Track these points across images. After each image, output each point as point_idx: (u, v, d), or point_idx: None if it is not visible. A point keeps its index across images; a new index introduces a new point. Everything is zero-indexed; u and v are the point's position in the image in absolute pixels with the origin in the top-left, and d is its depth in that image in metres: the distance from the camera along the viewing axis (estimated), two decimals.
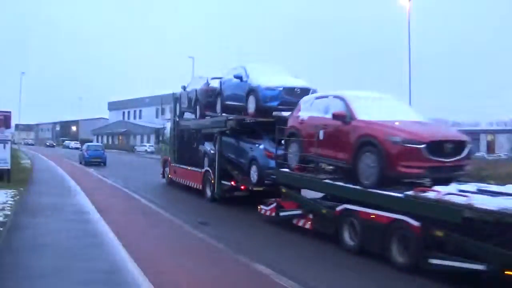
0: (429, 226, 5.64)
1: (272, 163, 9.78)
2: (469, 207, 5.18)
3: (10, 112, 14.68)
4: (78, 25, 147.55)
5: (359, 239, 6.81)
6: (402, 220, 5.99)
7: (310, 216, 8.07)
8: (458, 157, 6.68)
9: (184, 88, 15.03)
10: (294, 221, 8.47)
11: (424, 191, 5.87)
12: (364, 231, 6.70)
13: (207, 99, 13.05)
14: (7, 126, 14.49)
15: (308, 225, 8.10)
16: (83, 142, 52.37)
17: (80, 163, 28.03)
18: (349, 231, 7.06)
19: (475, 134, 54.33)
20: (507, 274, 4.80)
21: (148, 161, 32.23)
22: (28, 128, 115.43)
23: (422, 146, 6.37)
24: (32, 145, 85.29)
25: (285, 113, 10.11)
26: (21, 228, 7.56)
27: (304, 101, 9.10)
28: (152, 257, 6.04)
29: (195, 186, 13.30)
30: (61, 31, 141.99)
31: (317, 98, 8.75)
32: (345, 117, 7.44)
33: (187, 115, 15.09)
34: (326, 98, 8.35)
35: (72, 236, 7.01)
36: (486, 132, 54.85)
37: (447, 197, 5.54)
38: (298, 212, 8.39)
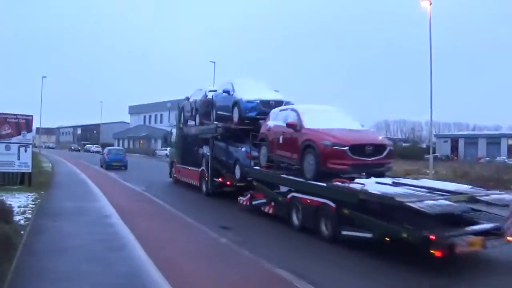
0: (341, 207, 7.79)
1: (252, 163, 12.07)
2: (363, 192, 7.30)
3: (31, 116, 14.96)
4: (100, 28, 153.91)
5: (301, 219, 9.01)
6: (326, 203, 8.17)
7: (272, 203, 10.31)
8: (378, 157, 8.77)
9: (187, 98, 17.56)
10: (262, 208, 10.74)
11: (340, 182, 8.02)
12: (304, 212, 8.90)
13: (205, 109, 15.49)
14: (29, 129, 14.78)
15: (270, 211, 10.35)
16: (104, 146, 53.83)
17: (101, 166, 29.23)
18: (296, 213, 9.25)
19: (496, 138, 54.84)
20: (387, 240, 6.90)
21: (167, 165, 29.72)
22: (49, 131, 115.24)
23: (346, 148, 8.51)
24: (53, 148, 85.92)
25: None
26: (42, 232, 7.70)
27: (273, 112, 11.35)
28: (171, 259, 6.27)
29: (194, 183, 15.73)
30: (83, 34, 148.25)
31: (281, 110, 10.99)
32: (296, 126, 9.66)
33: (190, 122, 17.57)
34: (286, 110, 10.59)
35: (93, 240, 7.13)
36: (507, 136, 55.08)
37: (352, 185, 7.69)
38: (264, 200, 10.65)
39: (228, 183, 13.64)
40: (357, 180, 8.08)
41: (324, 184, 8.29)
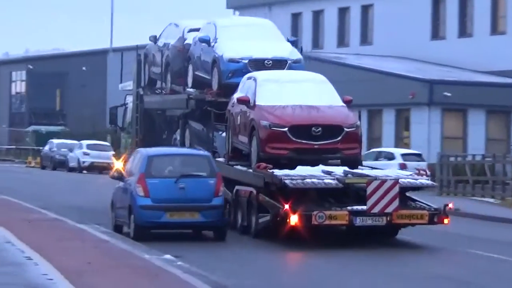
0: (259, 193, 12.42)
1: None
2: (270, 176, 11.75)
3: None
4: None
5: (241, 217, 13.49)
6: (252, 191, 12.78)
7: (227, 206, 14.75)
8: (328, 141, 12.77)
9: (154, 39, 18.13)
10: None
11: (262, 167, 12.36)
12: (242, 208, 13.35)
13: (179, 64, 16.79)
14: None
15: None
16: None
17: (117, 230, 16.22)
18: (239, 211, 13.69)
19: None
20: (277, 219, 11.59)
21: None
22: None
23: (285, 129, 12.55)
24: None
25: None
26: None
27: (242, 80, 15.05)
28: None
29: None
30: None
31: (248, 78, 14.77)
32: (248, 102, 13.61)
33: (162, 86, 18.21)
34: (250, 79, 14.29)
35: None
36: None
37: (267, 170, 12.12)
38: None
39: None
40: (299, 168, 12.06)
41: (250, 170, 12.79)
